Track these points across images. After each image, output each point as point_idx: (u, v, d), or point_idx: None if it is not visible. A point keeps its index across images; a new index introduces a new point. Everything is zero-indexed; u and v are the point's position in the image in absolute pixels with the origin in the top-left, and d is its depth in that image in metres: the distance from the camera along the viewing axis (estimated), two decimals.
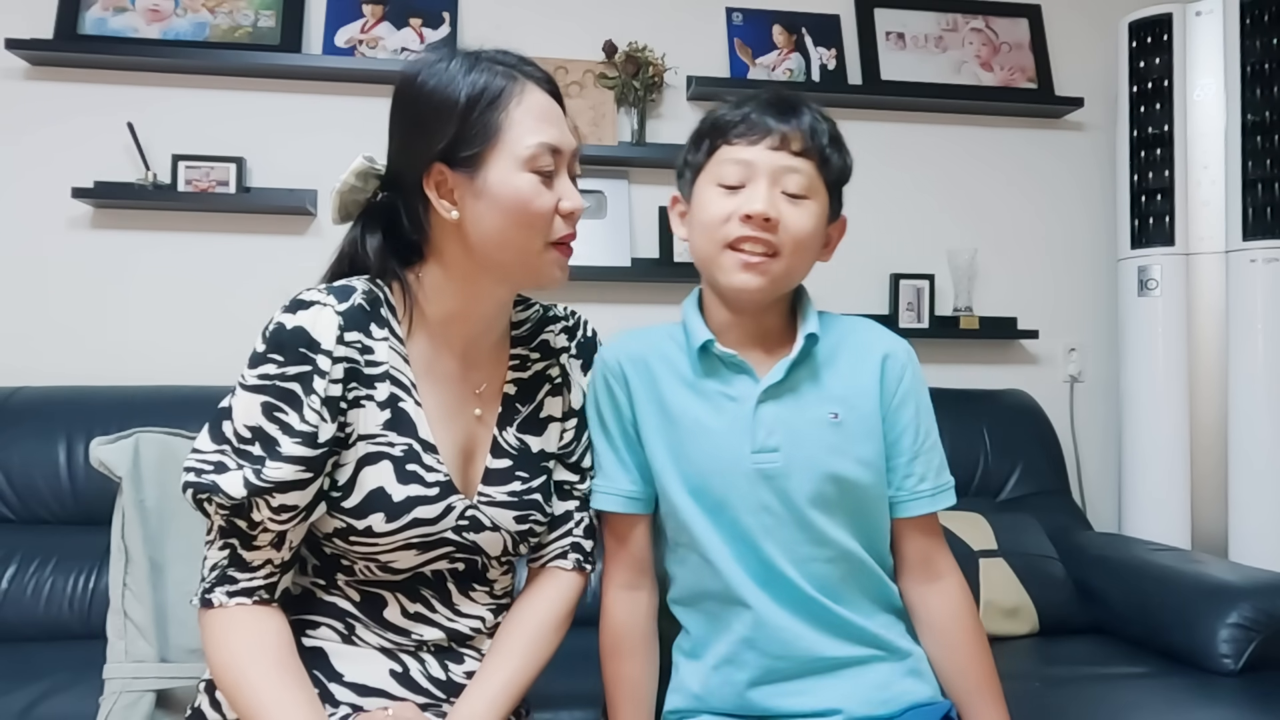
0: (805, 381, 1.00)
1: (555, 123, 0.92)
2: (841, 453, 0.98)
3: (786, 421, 0.98)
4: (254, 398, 0.86)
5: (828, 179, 1.00)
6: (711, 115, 1.03)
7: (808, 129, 0.98)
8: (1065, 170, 2.53)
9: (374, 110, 2.23)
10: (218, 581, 0.88)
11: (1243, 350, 2.10)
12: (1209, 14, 2.19)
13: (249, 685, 0.85)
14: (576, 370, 1.07)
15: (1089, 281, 2.51)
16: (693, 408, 1.00)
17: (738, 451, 0.97)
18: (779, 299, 1.02)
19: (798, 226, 0.97)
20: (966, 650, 1.02)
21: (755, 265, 0.96)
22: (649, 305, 2.31)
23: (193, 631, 1.17)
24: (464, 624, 0.98)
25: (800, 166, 0.97)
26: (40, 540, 1.74)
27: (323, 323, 0.88)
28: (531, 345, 1.05)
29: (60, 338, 2.09)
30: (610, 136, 2.25)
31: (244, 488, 0.84)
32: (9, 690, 1.37)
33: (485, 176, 0.89)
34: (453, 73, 0.89)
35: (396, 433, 0.92)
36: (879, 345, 1.03)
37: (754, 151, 0.98)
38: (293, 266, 2.17)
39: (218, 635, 0.88)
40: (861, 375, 1.01)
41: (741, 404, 0.99)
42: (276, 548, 0.88)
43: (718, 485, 0.98)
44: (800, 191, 0.97)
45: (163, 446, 1.22)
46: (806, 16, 2.40)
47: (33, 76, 2.12)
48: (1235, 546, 2.09)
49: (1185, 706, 1.44)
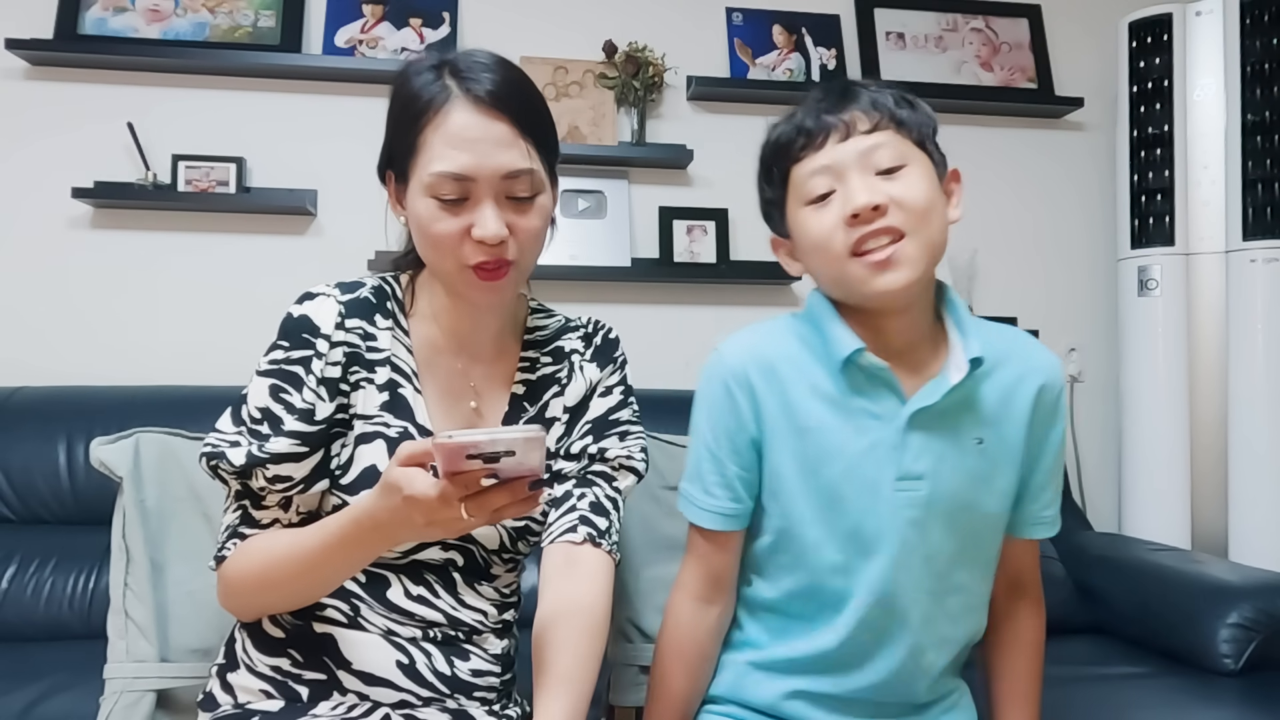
0: (958, 405, 0.91)
1: (470, 146, 0.87)
2: (984, 481, 0.93)
3: (934, 449, 0.90)
4: (264, 381, 0.93)
5: (915, 138, 0.91)
6: (769, 142, 0.96)
7: (868, 103, 0.90)
8: (1065, 170, 2.53)
9: (374, 110, 2.23)
10: (230, 537, 0.94)
11: (1243, 350, 2.10)
12: (1209, 14, 2.19)
13: (284, 550, 0.89)
14: (590, 369, 1.06)
15: (1089, 281, 2.51)
16: (829, 423, 0.92)
17: (879, 476, 0.90)
18: (922, 298, 0.93)
19: (911, 197, 0.87)
20: (1030, 668, 1.04)
21: (887, 260, 0.86)
22: (649, 305, 2.31)
23: (194, 631, 1.18)
24: (467, 615, 0.98)
25: (879, 140, 0.88)
26: (40, 540, 1.74)
27: (324, 311, 0.94)
28: (545, 350, 1.06)
29: (60, 338, 2.09)
30: (610, 136, 2.25)
31: (244, 457, 0.90)
32: (9, 690, 1.37)
33: (408, 192, 0.92)
34: (411, 74, 0.92)
35: (393, 415, 0.95)
36: (1037, 370, 0.96)
37: (826, 154, 0.89)
38: (293, 266, 2.17)
39: (237, 563, 0.93)
40: (1014, 401, 0.94)
41: (887, 424, 0.90)
42: (284, 509, 0.93)
43: (854, 510, 0.91)
44: (893, 163, 0.88)
45: (163, 446, 1.22)
46: (806, 16, 2.40)
47: (33, 76, 2.12)
48: (1235, 546, 2.09)
49: (1185, 706, 1.44)
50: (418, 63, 0.92)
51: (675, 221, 2.28)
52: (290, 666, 0.94)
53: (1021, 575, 1.05)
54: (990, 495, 0.94)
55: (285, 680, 0.94)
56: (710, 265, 2.26)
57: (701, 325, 2.32)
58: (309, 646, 0.94)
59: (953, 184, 0.95)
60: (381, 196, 0.98)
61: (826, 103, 0.91)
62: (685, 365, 2.30)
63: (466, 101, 0.88)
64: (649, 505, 1.36)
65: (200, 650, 1.17)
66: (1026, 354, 0.96)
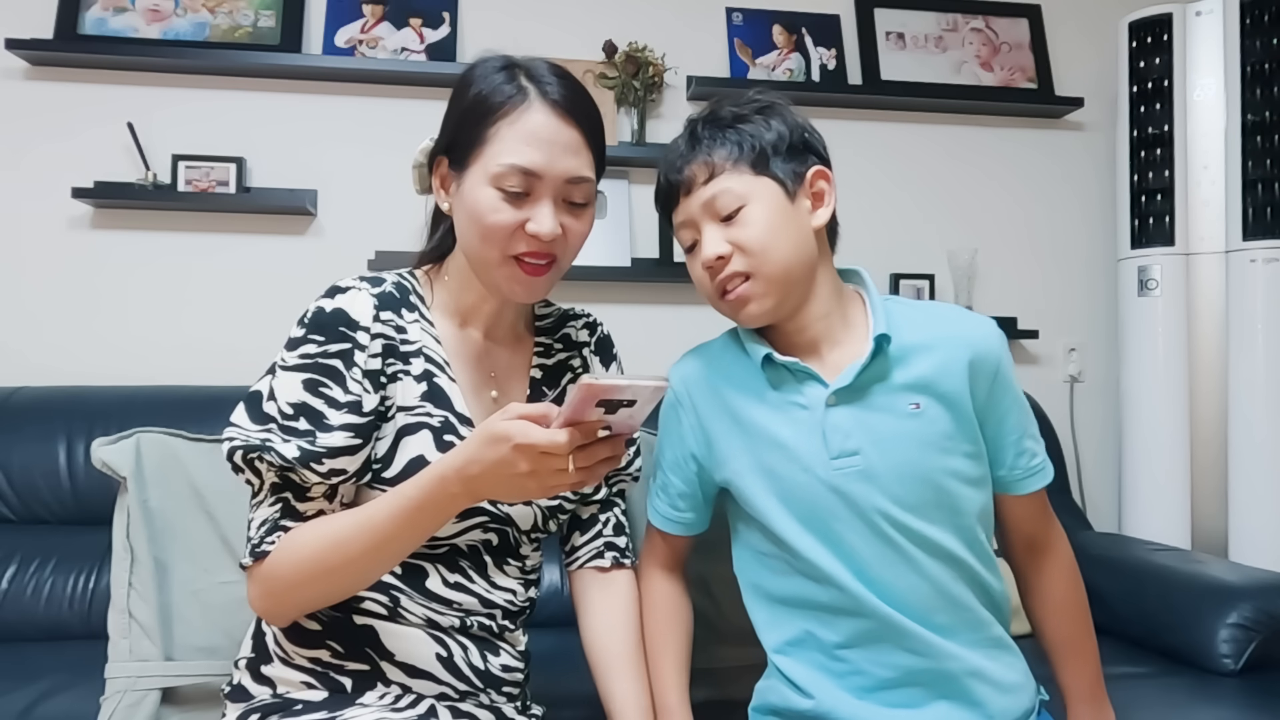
0: (878, 379, 0.96)
1: (544, 147, 0.92)
2: (932, 441, 0.95)
3: (864, 421, 0.95)
4: (295, 376, 0.91)
5: (752, 167, 0.95)
6: (655, 191, 1.04)
7: (705, 152, 0.96)
8: (1065, 170, 2.53)
9: (374, 110, 2.26)
10: (269, 531, 0.90)
11: (1243, 350, 2.10)
12: (1209, 14, 2.19)
13: (348, 529, 0.87)
14: (597, 365, 1.12)
15: (1089, 281, 2.51)
16: (766, 419, 0.98)
17: (816, 459, 0.95)
18: (807, 291, 0.98)
19: (748, 238, 0.94)
20: (1074, 619, 1.06)
21: (739, 299, 0.96)
22: (649, 305, 2.31)
23: (198, 630, 1.18)
24: (499, 595, 1.01)
25: (717, 189, 0.95)
26: (40, 540, 1.73)
27: (360, 303, 0.94)
28: (555, 337, 1.11)
29: (60, 338, 2.09)
30: (610, 136, 2.23)
31: (297, 451, 0.88)
32: (9, 690, 1.37)
33: (465, 179, 0.94)
34: (481, 74, 0.95)
35: (434, 404, 0.96)
36: (965, 342, 0.98)
37: (682, 209, 0.99)
38: (293, 266, 2.17)
39: (286, 554, 0.89)
40: (948, 368, 0.96)
41: (813, 410, 0.96)
42: (329, 499, 0.92)
43: (806, 496, 0.96)
44: (732, 208, 0.95)
45: (164, 446, 1.23)
46: (806, 16, 2.40)
47: (33, 76, 2.12)
48: (1235, 546, 2.09)
49: (1185, 706, 1.44)
50: (485, 63, 0.97)
51: None
52: (331, 658, 0.95)
53: (1033, 533, 1.06)
54: (943, 452, 0.96)
55: (327, 671, 0.94)
56: None
57: (701, 325, 2.31)
58: (350, 638, 0.95)
59: (818, 183, 0.98)
60: (382, 196, 1.00)
61: (675, 156, 0.99)
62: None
63: (544, 104, 0.93)
64: None
65: (206, 649, 1.17)
66: (956, 327, 1.00)
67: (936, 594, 0.95)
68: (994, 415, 0.99)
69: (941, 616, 0.95)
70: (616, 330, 1.21)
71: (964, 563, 0.97)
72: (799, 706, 0.98)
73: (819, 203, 0.99)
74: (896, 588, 0.94)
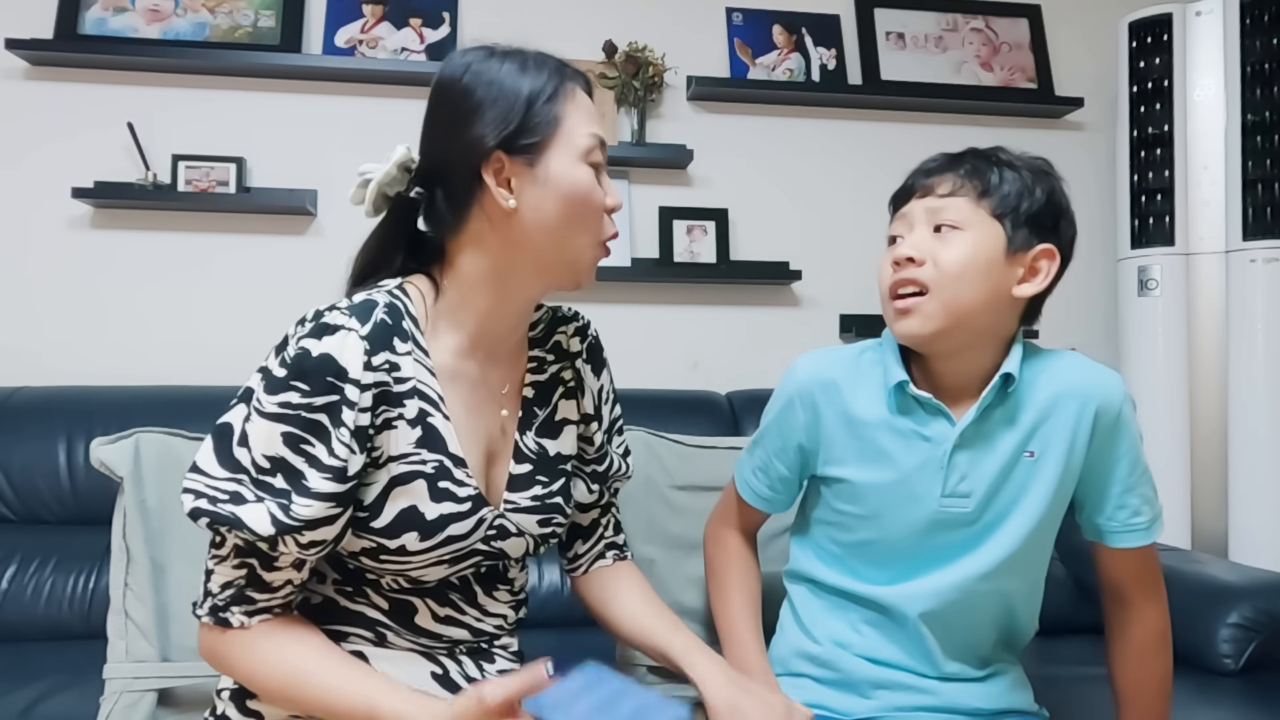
0: (998, 421, 0.98)
1: (597, 120, 0.93)
2: (1035, 493, 0.98)
3: (981, 465, 0.97)
4: (274, 426, 0.81)
5: (993, 210, 0.96)
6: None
7: (963, 171, 0.98)
8: (1065, 170, 2.45)
9: (374, 110, 2.26)
10: (234, 601, 0.85)
11: (1243, 350, 2.10)
12: (1209, 14, 2.19)
13: (317, 682, 0.84)
14: (589, 374, 1.07)
15: (1089, 281, 2.51)
16: (884, 440, 1.00)
17: (928, 493, 0.98)
18: (973, 351, 0.98)
19: (947, 257, 0.94)
20: (1143, 685, 1.07)
21: (905, 309, 0.96)
22: (649, 305, 2.31)
23: (195, 631, 1.17)
24: (490, 623, 0.99)
25: (950, 204, 0.97)
26: (40, 540, 1.74)
27: (349, 349, 0.83)
28: (546, 347, 1.05)
29: (60, 337, 2.09)
30: (610, 136, 2.25)
31: (272, 525, 0.80)
32: (9, 690, 1.37)
33: (547, 165, 0.88)
34: (510, 67, 0.92)
35: (429, 449, 0.89)
36: (1092, 392, 0.98)
37: (908, 206, 1.02)
38: (293, 266, 2.18)
39: (254, 653, 0.86)
40: (1068, 417, 0.97)
41: (935, 445, 0.98)
42: (297, 569, 0.87)
43: (899, 520, 1.00)
44: (952, 223, 0.96)
45: (163, 446, 1.22)
46: (806, 16, 2.41)
47: (33, 76, 2.12)
48: (1235, 546, 2.09)
49: (1185, 706, 1.43)
50: (487, 60, 0.93)
51: (675, 221, 2.28)
52: None
53: (1122, 586, 1.06)
54: (1042, 505, 0.98)
55: None
56: (710, 265, 2.26)
57: (701, 325, 2.32)
58: None
59: (1041, 260, 0.98)
60: None
61: (931, 163, 1.03)
62: (694, 366, 2.30)
63: (580, 86, 0.93)
64: (659, 506, 1.36)
65: None
66: (1081, 376, 1.00)
67: (971, 634, 1.03)
68: (1103, 464, 0.99)
69: (960, 660, 1.03)
70: (616, 330, 1.20)
71: (1013, 614, 1.05)
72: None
73: (1031, 275, 0.98)
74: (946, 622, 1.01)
